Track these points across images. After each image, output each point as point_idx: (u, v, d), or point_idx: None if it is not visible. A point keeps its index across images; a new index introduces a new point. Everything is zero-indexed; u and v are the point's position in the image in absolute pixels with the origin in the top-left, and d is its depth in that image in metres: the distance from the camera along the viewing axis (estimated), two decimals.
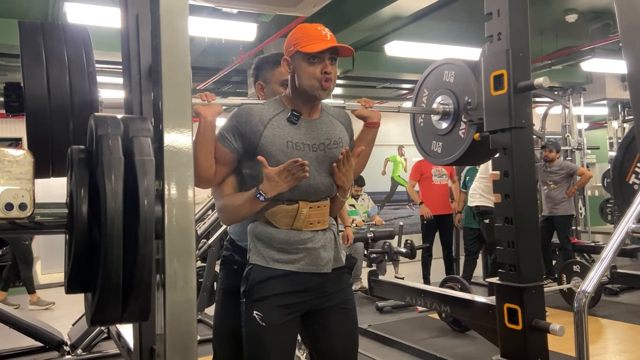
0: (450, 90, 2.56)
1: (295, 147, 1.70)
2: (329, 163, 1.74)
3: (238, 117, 1.72)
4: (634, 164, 2.77)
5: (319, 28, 1.71)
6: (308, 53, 1.66)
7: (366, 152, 1.94)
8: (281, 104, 1.76)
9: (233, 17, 4.82)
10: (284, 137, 1.70)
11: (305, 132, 1.73)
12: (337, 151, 1.76)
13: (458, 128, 2.54)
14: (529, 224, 2.18)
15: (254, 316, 1.68)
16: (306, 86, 1.68)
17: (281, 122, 1.71)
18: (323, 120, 1.79)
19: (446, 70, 2.60)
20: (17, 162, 1.11)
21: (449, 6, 5.37)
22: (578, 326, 1.83)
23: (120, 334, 2.96)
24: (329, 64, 1.68)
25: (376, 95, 10.01)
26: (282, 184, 1.64)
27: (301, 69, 1.68)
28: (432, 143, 2.73)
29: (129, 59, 1.80)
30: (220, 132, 1.73)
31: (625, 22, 2.17)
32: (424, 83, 2.77)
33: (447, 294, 3.05)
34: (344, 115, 1.89)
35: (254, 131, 1.69)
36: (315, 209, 1.73)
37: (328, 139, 1.76)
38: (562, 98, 7.71)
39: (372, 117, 1.96)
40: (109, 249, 1.07)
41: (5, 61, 6.20)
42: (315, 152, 1.73)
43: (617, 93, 8.86)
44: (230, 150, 1.71)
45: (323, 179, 1.75)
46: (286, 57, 1.73)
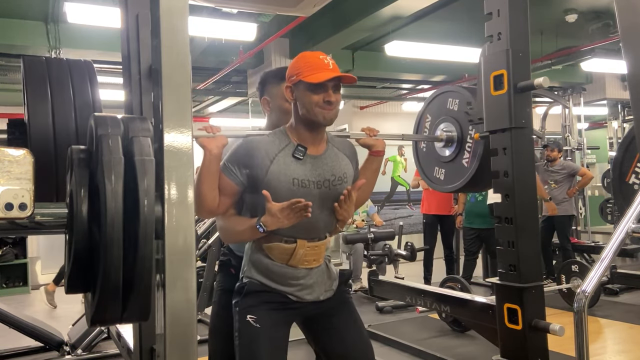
0: (454, 118, 2.56)
1: (300, 185, 1.70)
2: (332, 199, 1.75)
3: (243, 150, 1.71)
4: (634, 164, 2.76)
5: (321, 57, 1.71)
6: (311, 83, 1.66)
7: (371, 180, 1.95)
8: (286, 137, 1.74)
9: (233, 17, 4.82)
10: (290, 174, 1.69)
11: (310, 168, 1.72)
12: (340, 187, 1.76)
13: (462, 156, 2.52)
14: (529, 224, 2.18)
15: (247, 320, 1.71)
16: (309, 114, 1.68)
17: (287, 158, 1.70)
18: (328, 154, 1.78)
19: (450, 97, 2.60)
20: (17, 162, 1.11)
21: (449, 6, 5.37)
22: (578, 326, 1.83)
23: (120, 334, 2.97)
24: (331, 93, 1.68)
25: (376, 95, 10.01)
26: (283, 220, 1.65)
27: (304, 98, 1.68)
28: (434, 169, 2.73)
29: (129, 59, 1.80)
30: (225, 164, 1.71)
31: (625, 22, 2.17)
32: (427, 109, 2.76)
33: (447, 294, 3.05)
34: (348, 147, 1.88)
35: (260, 166, 1.68)
36: (313, 249, 1.76)
37: (333, 175, 1.76)
38: (562, 98, 7.70)
39: (377, 145, 1.96)
40: (109, 249, 1.07)
41: (5, 61, 6.20)
42: (320, 190, 1.73)
43: (617, 93, 8.86)
44: (235, 183, 1.70)
45: (324, 215, 1.76)
46: (289, 84, 1.73)
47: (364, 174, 1.92)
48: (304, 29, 5.75)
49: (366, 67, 7.41)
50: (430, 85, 8.97)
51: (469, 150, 2.49)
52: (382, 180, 10.56)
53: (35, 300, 6.73)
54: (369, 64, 7.37)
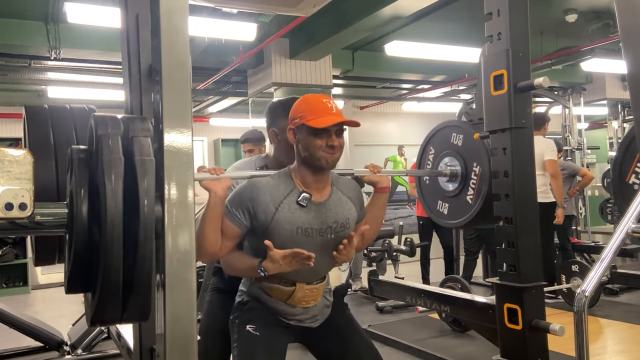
0: (458, 154, 2.55)
1: (304, 234, 1.70)
2: (333, 245, 1.75)
3: (248, 194, 1.69)
4: (634, 164, 2.76)
5: (324, 100, 1.70)
6: (314, 128, 1.65)
7: (378, 217, 1.95)
8: (291, 181, 1.73)
9: (233, 17, 4.82)
10: (294, 222, 1.69)
11: (314, 216, 1.72)
12: (342, 233, 1.76)
13: (465, 193, 2.51)
14: (529, 224, 2.18)
15: (247, 329, 1.75)
16: (312, 158, 1.67)
17: (292, 205, 1.69)
18: (332, 200, 1.77)
19: (454, 132, 2.59)
20: (17, 162, 1.11)
21: (449, 6, 5.37)
22: (578, 326, 1.83)
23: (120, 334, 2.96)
24: (335, 138, 1.67)
25: (376, 95, 10.02)
26: (285, 267, 1.66)
27: (307, 142, 1.67)
28: (437, 203, 2.72)
29: (129, 59, 1.80)
30: (229, 208, 1.69)
31: (625, 22, 2.17)
32: (431, 141, 2.76)
33: (447, 294, 3.05)
34: (352, 188, 1.86)
35: (265, 212, 1.67)
36: (312, 290, 1.78)
37: (335, 222, 1.76)
38: (562, 98, 7.71)
39: (381, 182, 1.93)
40: (109, 249, 1.07)
41: (5, 61, 6.20)
42: (322, 237, 1.73)
43: (617, 93, 8.86)
44: (239, 227, 1.69)
45: (325, 261, 1.77)
46: (291, 127, 1.72)
47: (371, 211, 1.92)
48: (304, 29, 5.75)
49: (366, 67, 7.41)
50: (430, 85, 8.97)
51: (473, 187, 2.47)
52: None
53: (35, 300, 6.73)
54: (369, 64, 7.37)
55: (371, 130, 11.23)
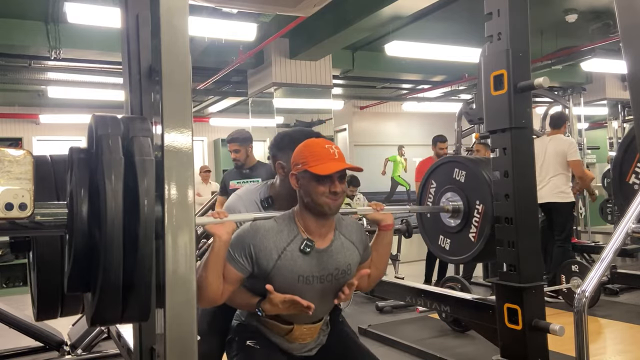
0: (460, 190, 2.54)
1: (305, 282, 1.70)
2: (333, 291, 1.75)
3: (251, 239, 1.68)
4: (634, 164, 2.76)
5: (326, 146, 1.68)
6: (317, 174, 1.63)
7: (384, 255, 1.94)
8: (295, 227, 1.72)
9: (233, 17, 4.82)
10: (296, 270, 1.68)
11: (316, 264, 1.71)
12: (343, 280, 1.76)
13: (468, 230, 2.49)
14: (529, 224, 2.18)
15: (247, 344, 1.77)
16: (314, 204, 1.66)
17: (294, 253, 1.68)
18: (334, 246, 1.75)
19: (457, 168, 2.57)
20: (17, 162, 1.11)
21: (449, 6, 5.38)
22: (578, 326, 1.83)
23: (120, 334, 2.96)
24: (337, 184, 1.65)
25: (376, 95, 10.02)
26: (283, 310, 1.67)
27: (309, 188, 1.66)
28: (439, 238, 2.70)
29: (129, 59, 1.79)
30: (231, 253, 1.67)
31: (625, 22, 2.17)
32: (432, 175, 2.75)
33: (447, 294, 3.04)
34: (355, 231, 1.84)
35: (267, 259, 1.66)
36: (310, 329, 1.79)
37: (337, 269, 1.75)
38: (562, 98, 7.70)
39: (385, 220, 1.91)
40: (109, 249, 1.07)
41: (5, 61, 6.20)
42: (322, 284, 1.73)
43: (617, 93, 8.86)
44: (241, 272, 1.68)
45: (324, 306, 1.78)
46: (294, 172, 1.71)
47: (377, 249, 1.91)
48: (304, 29, 5.75)
49: (366, 67, 7.42)
50: (430, 85, 8.97)
51: (475, 225, 2.45)
52: (382, 180, 10.57)
53: None
54: (369, 64, 7.37)
55: (371, 130, 11.23)
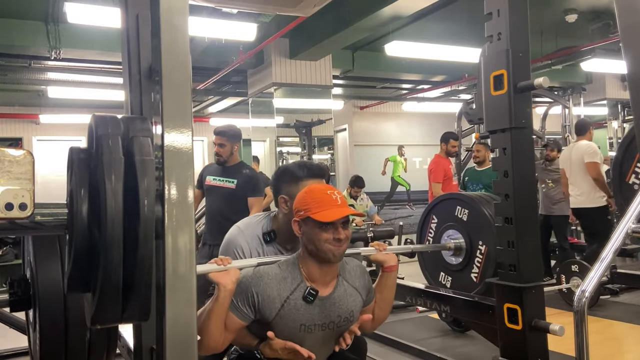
0: (463, 228, 2.52)
1: (307, 330, 1.69)
2: (334, 337, 1.75)
3: (255, 287, 1.66)
4: (634, 164, 2.77)
5: (328, 192, 1.68)
6: (320, 222, 1.63)
7: (388, 297, 1.92)
8: (298, 274, 1.70)
9: (233, 17, 4.82)
10: (298, 320, 1.67)
11: (318, 312, 1.70)
12: (344, 327, 1.75)
13: (470, 269, 2.47)
14: (529, 224, 2.18)
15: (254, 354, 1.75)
16: (318, 251, 1.65)
17: (297, 302, 1.67)
18: (338, 293, 1.74)
19: (459, 206, 2.56)
20: (17, 162, 1.11)
21: (449, 6, 5.37)
22: (578, 326, 1.83)
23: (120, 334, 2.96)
24: (341, 230, 1.65)
25: (376, 95, 10.03)
26: (282, 356, 1.66)
27: (313, 235, 1.65)
28: (440, 274, 2.70)
29: (129, 59, 1.79)
30: (234, 302, 1.65)
31: (625, 22, 2.17)
32: (433, 210, 2.74)
33: (447, 294, 3.05)
34: (359, 276, 1.82)
35: (270, 308, 1.65)
36: None
37: (339, 317, 1.74)
38: (562, 98, 7.71)
39: (388, 261, 1.90)
40: (109, 249, 1.07)
41: (5, 61, 6.20)
42: (324, 331, 1.72)
43: (617, 93, 8.87)
44: (244, 320, 1.67)
45: (324, 351, 1.77)
46: (297, 219, 1.70)
47: (381, 292, 1.89)
48: (304, 29, 5.75)
49: (366, 67, 7.41)
50: (430, 85, 8.97)
51: (478, 265, 2.44)
52: (382, 180, 10.57)
53: None
54: (369, 64, 7.37)
55: (371, 130, 11.24)
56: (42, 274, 1.47)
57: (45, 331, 1.53)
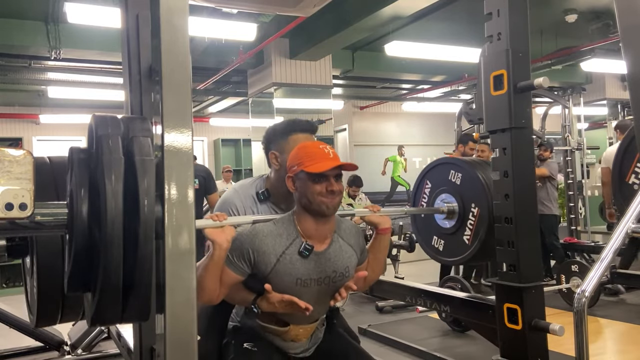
0: (456, 192, 2.55)
1: (303, 285, 1.70)
2: (330, 293, 1.76)
3: (250, 244, 1.68)
4: (634, 164, 2.77)
5: (320, 146, 1.70)
6: (312, 173, 1.64)
7: (380, 258, 1.94)
8: (293, 229, 1.72)
9: (233, 17, 4.82)
10: (294, 274, 1.68)
11: (314, 267, 1.71)
12: (340, 282, 1.76)
13: (462, 232, 2.50)
14: (529, 224, 2.18)
15: (244, 347, 1.76)
16: (312, 205, 1.66)
17: (293, 256, 1.68)
18: (332, 249, 1.76)
19: (452, 170, 2.57)
20: (17, 162, 1.11)
21: (449, 6, 5.37)
22: (578, 326, 1.83)
23: (120, 334, 2.96)
24: (333, 182, 1.66)
25: (376, 95, 10.02)
26: (279, 309, 1.68)
27: (306, 188, 1.66)
28: (433, 238, 2.71)
29: (129, 59, 1.79)
30: (230, 257, 1.67)
31: (625, 22, 2.17)
32: (427, 175, 2.75)
33: (447, 294, 3.05)
34: (354, 234, 1.85)
35: (266, 263, 1.67)
36: (305, 329, 1.79)
37: (334, 272, 1.75)
38: (562, 98, 7.70)
39: (382, 223, 1.91)
40: (109, 249, 1.07)
41: (5, 61, 6.20)
42: (320, 286, 1.73)
43: (617, 93, 8.87)
44: (240, 275, 1.69)
45: (320, 307, 1.78)
46: (290, 175, 1.72)
47: (373, 252, 1.91)
48: (304, 29, 5.75)
49: (366, 67, 7.42)
50: (430, 85, 8.97)
51: (470, 227, 2.46)
52: (382, 180, 10.56)
53: None
54: (369, 64, 7.37)
55: (371, 130, 11.23)
56: None
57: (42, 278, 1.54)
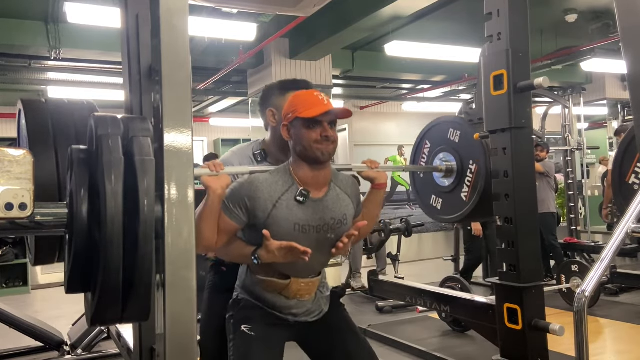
0: (454, 150, 2.56)
1: (301, 230, 1.70)
2: (329, 241, 1.76)
3: (246, 191, 1.68)
4: (634, 164, 2.76)
5: (315, 94, 1.71)
6: (306, 118, 1.66)
7: (374, 213, 1.95)
8: (290, 177, 1.72)
9: (233, 17, 4.82)
10: (292, 219, 1.69)
11: (312, 213, 1.72)
12: (339, 230, 1.77)
13: (460, 189, 2.52)
14: (528, 224, 2.19)
15: (242, 330, 1.75)
16: (307, 152, 1.68)
17: (290, 202, 1.69)
18: (330, 197, 1.76)
19: (452, 128, 2.59)
20: (17, 162, 1.11)
21: (449, 6, 5.37)
22: (578, 326, 1.83)
23: (120, 334, 2.96)
24: (328, 128, 1.68)
25: (376, 95, 10.03)
26: (279, 258, 1.67)
27: (301, 135, 1.68)
28: (431, 197, 2.73)
29: (129, 59, 1.80)
30: (226, 205, 1.68)
31: (625, 22, 2.17)
32: (427, 135, 2.76)
33: (447, 294, 3.05)
34: (350, 185, 1.86)
35: (262, 209, 1.67)
36: (307, 284, 1.79)
37: (333, 219, 1.75)
38: (562, 98, 7.70)
39: (379, 178, 1.93)
40: (109, 249, 1.07)
41: (5, 61, 6.20)
42: (319, 234, 1.73)
43: (617, 93, 8.86)
44: (236, 222, 1.70)
45: (320, 257, 1.78)
46: (285, 123, 1.73)
47: (367, 207, 1.92)
48: (304, 29, 5.75)
49: (366, 67, 7.41)
50: (430, 85, 8.97)
51: (468, 184, 2.48)
52: None
53: (35, 300, 6.73)
54: (369, 64, 7.37)
55: (371, 130, 11.24)
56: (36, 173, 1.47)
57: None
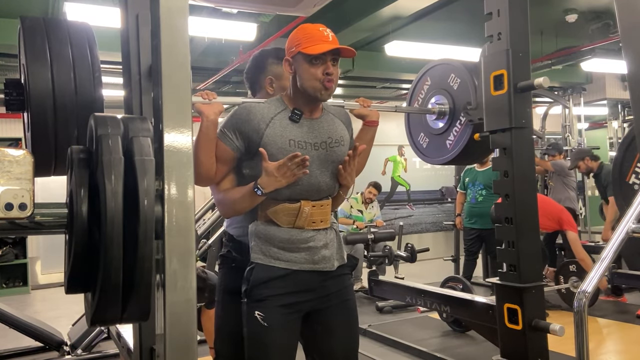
0: (450, 96, 2.58)
1: (297, 146, 1.70)
2: (330, 162, 1.75)
3: (239, 115, 1.71)
4: (634, 164, 2.76)
5: (320, 29, 1.70)
6: (310, 54, 1.65)
7: (366, 151, 1.94)
8: (282, 103, 1.75)
9: (233, 17, 4.82)
10: (286, 135, 1.69)
11: (307, 131, 1.73)
12: (338, 150, 1.77)
13: (447, 136, 2.60)
14: (529, 224, 2.18)
15: (255, 316, 1.68)
16: (308, 87, 1.68)
17: (283, 121, 1.71)
18: (324, 118, 1.79)
19: (453, 73, 2.61)
20: (17, 162, 1.11)
21: (449, 6, 5.37)
22: (578, 326, 1.83)
23: (120, 334, 2.96)
24: (330, 65, 1.67)
25: (376, 95, 10.01)
26: (280, 180, 1.63)
27: (303, 70, 1.68)
28: (420, 134, 2.87)
29: (129, 59, 1.80)
30: (221, 130, 1.72)
31: (625, 22, 2.17)
32: (429, 71, 2.79)
33: (447, 294, 3.05)
34: (344, 114, 1.89)
35: (256, 130, 1.69)
36: (318, 208, 1.74)
37: (330, 138, 1.76)
38: (562, 98, 7.71)
39: (371, 115, 1.97)
40: (109, 249, 1.07)
41: (5, 61, 6.20)
42: (317, 151, 1.73)
43: (617, 93, 8.85)
44: (232, 148, 1.72)
45: (325, 177, 1.75)
46: (288, 57, 1.73)
47: (359, 143, 1.90)
48: None
49: (366, 67, 7.41)
50: None
51: (455, 134, 2.54)
52: (383, 180, 10.56)
53: (35, 300, 6.73)
54: (369, 64, 7.36)
55: None
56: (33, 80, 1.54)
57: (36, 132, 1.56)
